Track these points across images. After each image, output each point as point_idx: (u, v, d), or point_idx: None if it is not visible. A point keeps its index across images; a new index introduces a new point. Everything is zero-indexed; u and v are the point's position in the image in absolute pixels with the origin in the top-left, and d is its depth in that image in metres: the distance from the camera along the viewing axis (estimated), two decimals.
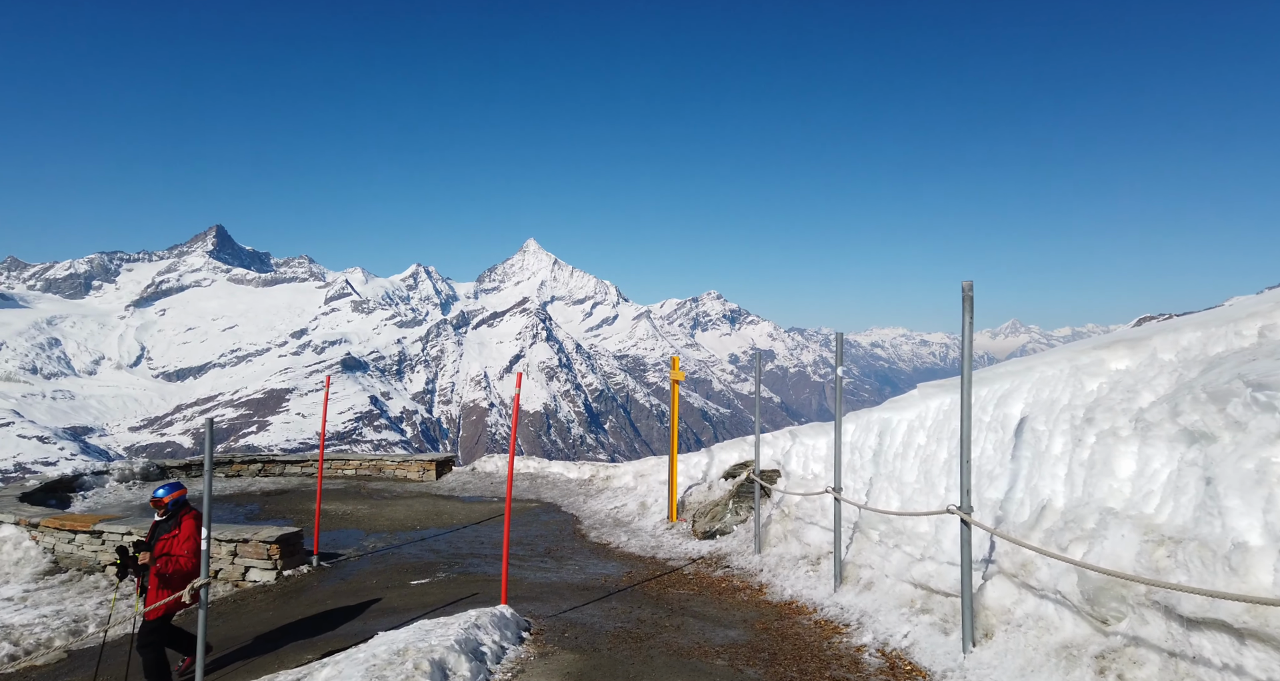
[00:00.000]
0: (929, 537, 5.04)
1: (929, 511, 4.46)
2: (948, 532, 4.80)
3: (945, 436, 5.49)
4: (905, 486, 5.68)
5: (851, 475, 6.63)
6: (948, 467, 5.29)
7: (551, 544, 9.83)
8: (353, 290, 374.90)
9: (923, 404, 6.08)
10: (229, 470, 13.65)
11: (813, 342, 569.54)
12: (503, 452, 14.67)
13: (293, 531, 8.57)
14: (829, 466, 7.59)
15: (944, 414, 5.70)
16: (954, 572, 4.52)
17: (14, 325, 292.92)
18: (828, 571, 6.35)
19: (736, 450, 10.63)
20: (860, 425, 6.86)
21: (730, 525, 9.18)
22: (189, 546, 5.81)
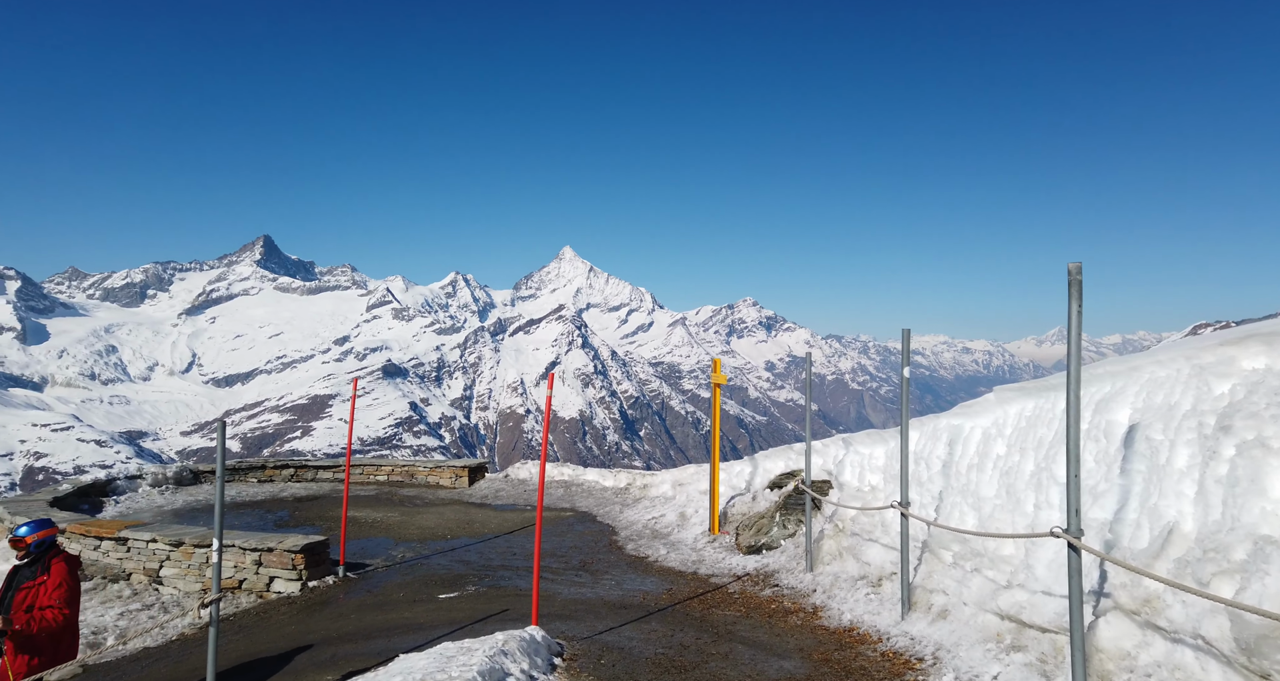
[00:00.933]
0: (1016, 562, 4.39)
1: (1026, 534, 3.81)
2: (1040, 557, 4.14)
3: (1030, 446, 4.82)
4: (983, 502, 5.02)
5: (917, 488, 5.97)
6: (1036, 482, 4.63)
7: (586, 556, 9.33)
8: (393, 298, 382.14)
9: (999, 409, 5.42)
10: (261, 475, 13.50)
11: (851, 350, 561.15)
12: (539, 459, 14.33)
13: (318, 540, 8.22)
14: (888, 477, 6.94)
15: (1027, 421, 5.03)
16: (1051, 605, 3.87)
17: (74, 333, 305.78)
18: (892, 595, 5.71)
19: (782, 458, 10.00)
20: (926, 433, 6.21)
21: (777, 539, 8.55)
22: (59, 595, 4.61)
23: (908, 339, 5.15)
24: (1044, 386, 5.01)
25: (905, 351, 5.13)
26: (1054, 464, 4.42)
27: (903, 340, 5.14)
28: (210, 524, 10.57)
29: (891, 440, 7.07)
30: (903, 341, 5.14)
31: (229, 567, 8.11)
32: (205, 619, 6.42)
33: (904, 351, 5.13)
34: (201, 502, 11.77)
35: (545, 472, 14.04)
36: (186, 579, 8.22)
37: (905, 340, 5.14)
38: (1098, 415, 4.31)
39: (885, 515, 6.40)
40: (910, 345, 5.15)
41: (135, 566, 8.45)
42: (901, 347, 5.11)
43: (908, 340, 5.15)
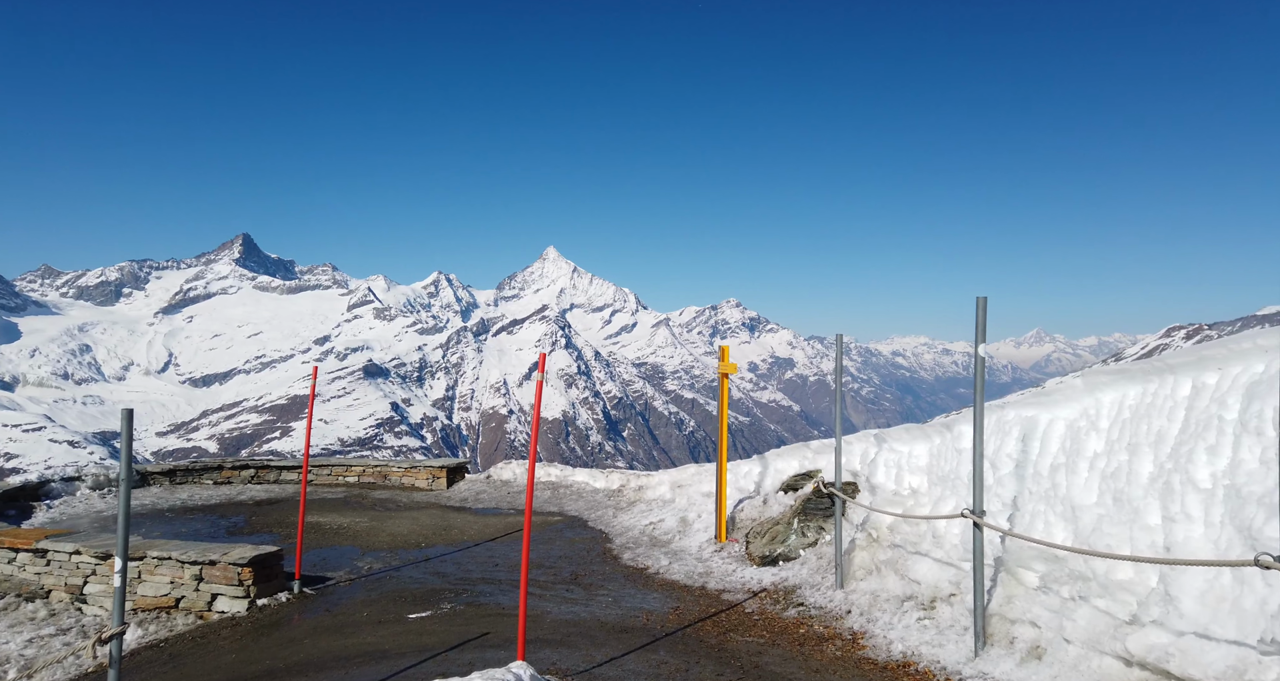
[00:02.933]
0: (1143, 591, 3.44)
1: (1217, 561, 2.75)
2: (1188, 586, 3.19)
3: (1145, 442, 3.87)
4: (1079, 511, 4.07)
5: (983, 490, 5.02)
6: (1162, 488, 3.68)
7: (578, 567, 8.30)
8: (375, 297, 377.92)
9: (1087, 398, 4.47)
10: (218, 476, 12.29)
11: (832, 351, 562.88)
12: (522, 459, 13.25)
13: (270, 551, 7.12)
14: (934, 479, 5.98)
15: (1132, 411, 4.09)
16: (1217, 654, 2.92)
17: (47, 331, 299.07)
18: (953, 622, 4.74)
19: (795, 458, 9.03)
20: (990, 427, 5.26)
21: (795, 549, 7.57)
22: None
23: (983, 311, 4.18)
24: (1151, 368, 4.07)
25: (981, 327, 4.16)
26: (1190, 464, 3.47)
27: (978, 313, 4.17)
28: (153, 530, 9.41)
29: (936, 436, 6.11)
30: (978, 314, 4.17)
31: (164, 584, 6.99)
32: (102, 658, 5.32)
33: (978, 325, 4.17)
34: (148, 507, 10.58)
35: None
36: None
37: (981, 313, 4.17)
38: (1252, 403, 3.36)
39: (936, 525, 5.44)
40: (894, 347, 4.20)
41: (55, 582, 7.29)
42: (978, 321, 4.14)
43: (983, 312, 4.18)
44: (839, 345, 6.05)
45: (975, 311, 4.24)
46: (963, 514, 4.28)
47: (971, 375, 4.37)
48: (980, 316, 4.21)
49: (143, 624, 6.68)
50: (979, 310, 4.22)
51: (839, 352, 6.06)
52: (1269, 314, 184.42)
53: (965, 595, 4.72)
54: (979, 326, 4.20)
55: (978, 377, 4.18)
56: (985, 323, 4.22)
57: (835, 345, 6.06)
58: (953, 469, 5.62)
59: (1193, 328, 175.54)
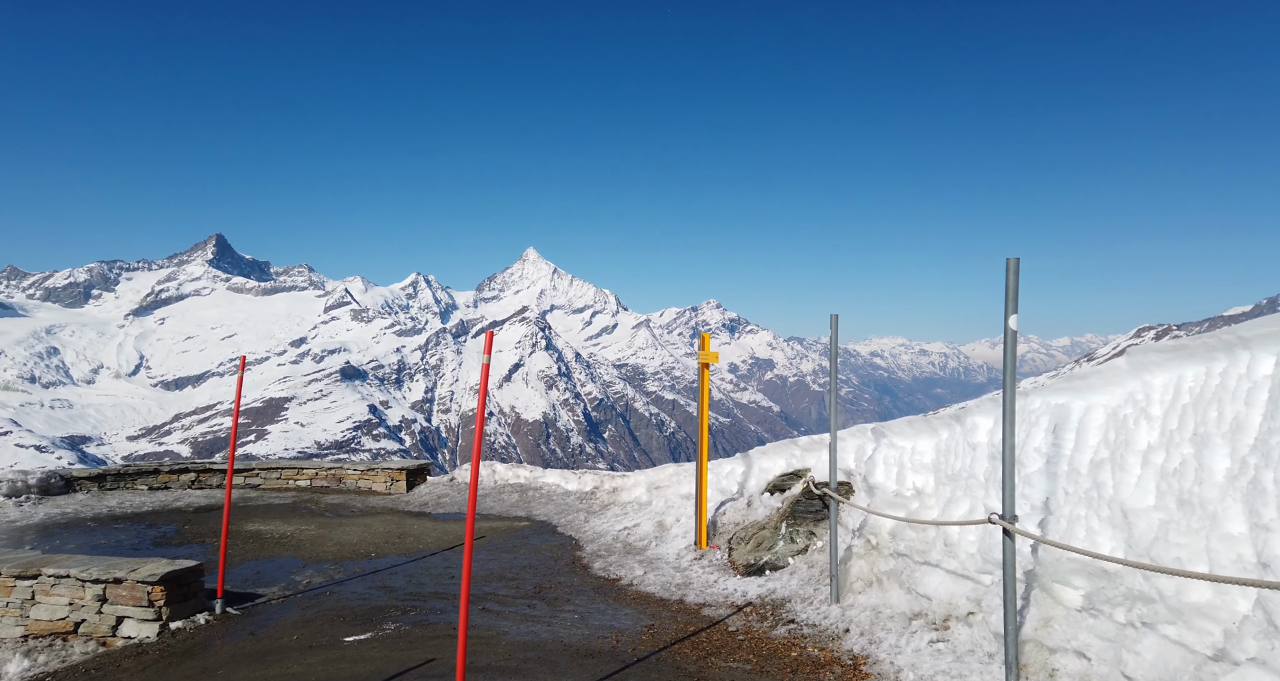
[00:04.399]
0: (1231, 619, 2.73)
1: None
2: None
3: (1216, 432, 3.15)
4: (1132, 516, 3.35)
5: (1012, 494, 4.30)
6: (1241, 487, 2.96)
7: (543, 578, 7.49)
8: (352, 299, 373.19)
9: (1133, 380, 3.76)
10: (154, 481, 11.28)
11: (812, 352, 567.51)
12: (502, 461, 12.47)
13: (187, 567, 6.23)
14: (942, 478, 5.25)
15: (1195, 395, 3.38)
16: None
17: (13, 334, 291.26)
18: (974, 646, 4.01)
19: (782, 456, 8.29)
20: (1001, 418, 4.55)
21: (783, 557, 6.82)
22: None
23: (1014, 274, 3.47)
24: (1216, 343, 3.36)
25: (1011, 291, 3.44)
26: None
27: (1008, 274, 3.45)
28: (67, 543, 8.43)
29: (943, 429, 5.39)
30: (1008, 277, 3.45)
31: (62, 606, 6.07)
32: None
33: (1008, 291, 3.45)
34: (69, 516, 9.58)
35: (499, 476, 12.13)
36: (3, 621, 6.14)
37: (1012, 274, 3.45)
38: None
39: (948, 531, 4.70)
40: (872, 348, 3.46)
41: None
42: (1007, 284, 3.42)
43: (1015, 274, 3.46)
44: (834, 327, 5.31)
45: (1005, 275, 3.52)
46: (990, 520, 3.54)
47: (948, 375, 3.62)
48: (1012, 282, 3.49)
49: (31, 653, 5.75)
50: (1010, 274, 3.50)
51: (834, 336, 5.32)
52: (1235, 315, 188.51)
53: (989, 615, 3.99)
54: (1009, 293, 3.48)
55: (1008, 355, 3.45)
56: (1017, 288, 3.50)
57: (830, 327, 5.31)
58: (965, 466, 4.90)
59: (1162, 328, 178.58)
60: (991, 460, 4.61)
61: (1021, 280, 3.37)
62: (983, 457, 4.74)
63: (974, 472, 4.76)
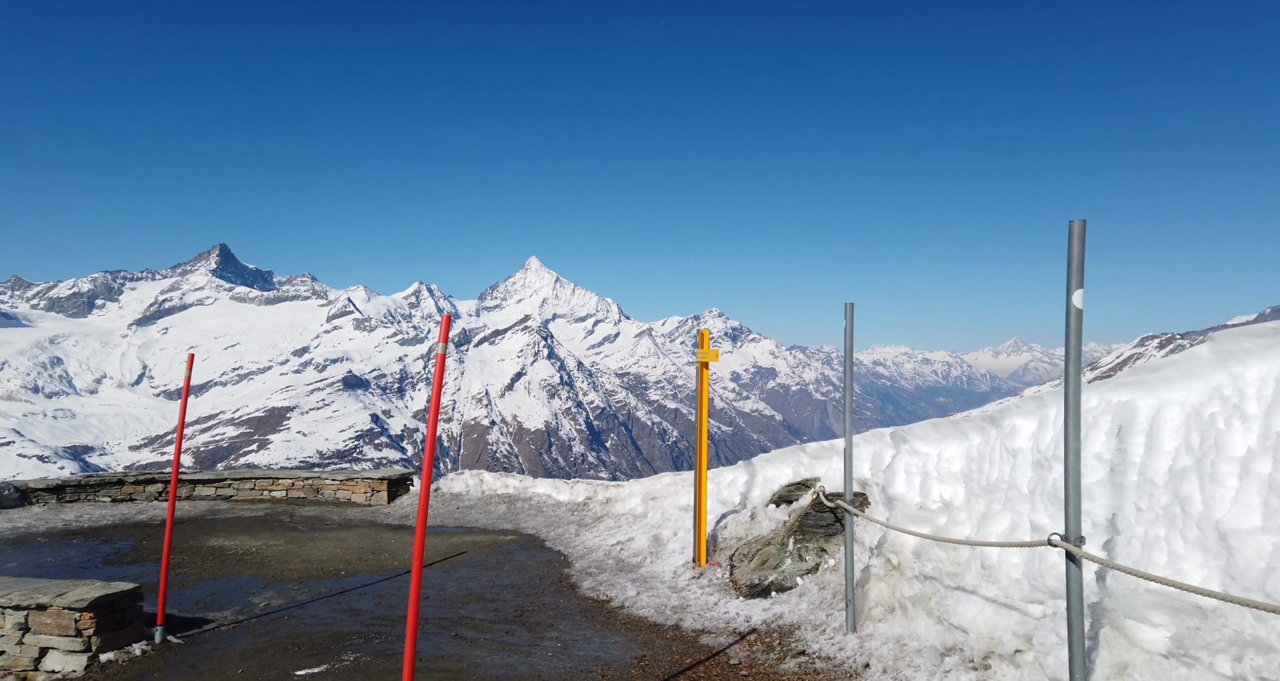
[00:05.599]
0: None
1: None
2: None
3: None
4: (1232, 539, 2.68)
5: (1055, 505, 3.62)
6: None
7: (526, 599, 6.79)
8: (355, 308, 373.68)
9: (1218, 373, 3.09)
10: (117, 492, 10.61)
11: (814, 360, 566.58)
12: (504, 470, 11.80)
13: (122, 591, 5.55)
14: (974, 490, 4.56)
15: None
16: None
17: (16, 344, 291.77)
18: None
19: (789, 464, 7.60)
20: (1055, 411, 3.87)
21: (791, 576, 6.12)
22: None
23: (1079, 238, 2.81)
24: None
25: (1075, 259, 2.79)
26: None
27: (1071, 239, 2.81)
28: (9, 561, 7.76)
29: (974, 434, 4.71)
30: (1072, 243, 2.80)
31: None
32: None
33: (1071, 260, 2.79)
34: (19, 531, 8.90)
35: (486, 485, 11.44)
36: None
37: (1077, 239, 2.80)
38: None
39: (986, 552, 4.01)
40: (875, 357, 2.80)
41: None
42: (1070, 252, 2.77)
43: (1079, 238, 2.81)
44: (849, 317, 4.64)
45: (1069, 243, 2.87)
46: (1050, 541, 2.85)
47: (951, 383, 2.95)
48: (1076, 249, 2.83)
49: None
50: (1074, 239, 2.85)
51: (849, 326, 4.65)
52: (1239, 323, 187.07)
53: (1043, 655, 3.30)
54: (1073, 264, 2.83)
55: (1071, 339, 2.79)
56: (1082, 259, 2.84)
57: (845, 316, 4.65)
58: (1004, 476, 4.21)
59: (1165, 337, 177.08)
60: (1037, 469, 3.92)
61: (1021, 288, 2.69)
62: (1025, 466, 4.05)
63: (1015, 483, 4.07)
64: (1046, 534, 3.69)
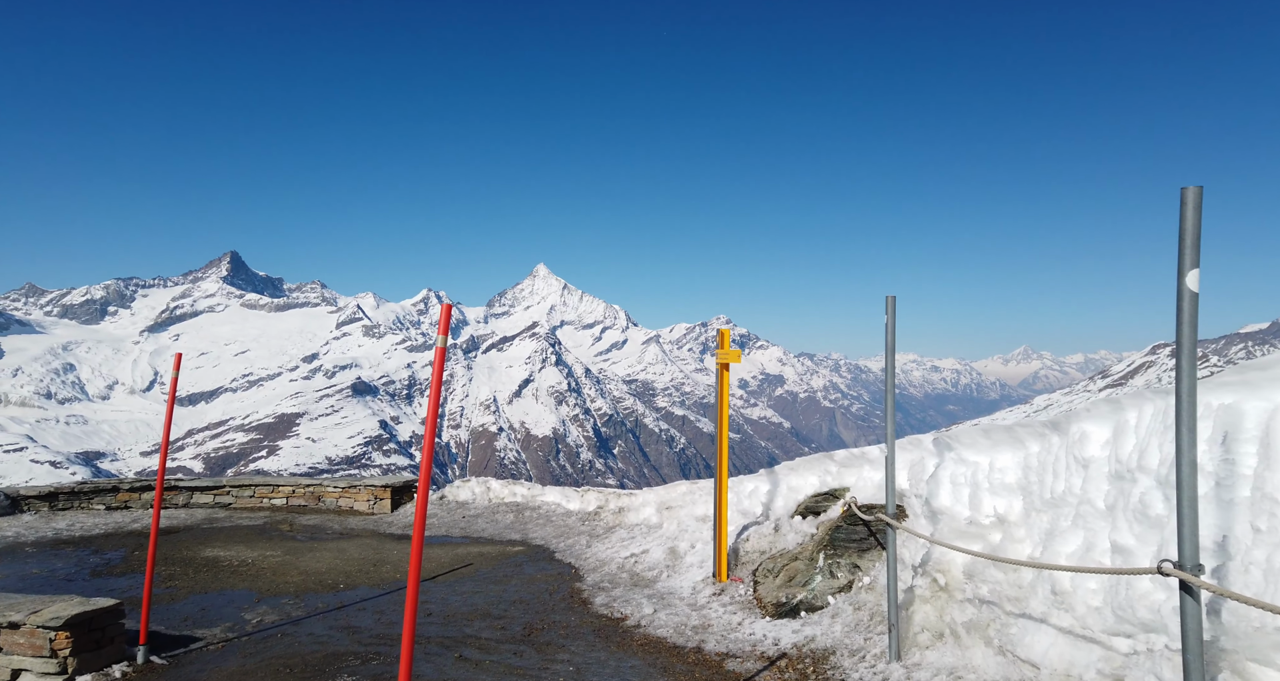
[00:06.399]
0: None
1: None
2: None
3: None
4: None
5: (1142, 524, 3.16)
6: None
7: (535, 617, 6.36)
8: (364, 315, 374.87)
9: None
10: (112, 500, 10.24)
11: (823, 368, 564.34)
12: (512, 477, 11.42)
13: (102, 607, 5.15)
14: (1032, 504, 4.10)
15: None
16: None
17: (30, 350, 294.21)
18: None
19: (814, 472, 7.14)
20: (1145, 424, 3.41)
21: (822, 595, 5.66)
22: None
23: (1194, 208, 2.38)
24: None
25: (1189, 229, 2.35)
26: None
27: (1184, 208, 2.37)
28: (12, 569, 7.39)
29: (1032, 441, 4.25)
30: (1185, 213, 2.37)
31: None
32: None
33: (1185, 230, 2.36)
34: (8, 541, 8.53)
35: (494, 493, 11.02)
36: None
37: (1191, 209, 2.36)
38: None
39: (1056, 576, 3.55)
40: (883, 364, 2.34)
41: None
42: (1184, 223, 2.34)
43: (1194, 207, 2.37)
44: (890, 311, 4.21)
45: (1181, 212, 2.44)
46: (1160, 569, 2.41)
47: (960, 391, 2.50)
48: (1190, 220, 2.40)
49: None
50: (1188, 208, 2.41)
51: (890, 322, 4.21)
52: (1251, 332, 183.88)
53: None
54: (1187, 237, 2.40)
55: (1183, 327, 2.35)
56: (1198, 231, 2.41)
57: (887, 311, 4.21)
58: (1071, 489, 3.76)
59: None
60: (1116, 482, 3.46)
61: (1033, 295, 2.24)
62: (1099, 478, 3.59)
63: (1087, 498, 3.62)
64: (1132, 556, 3.24)
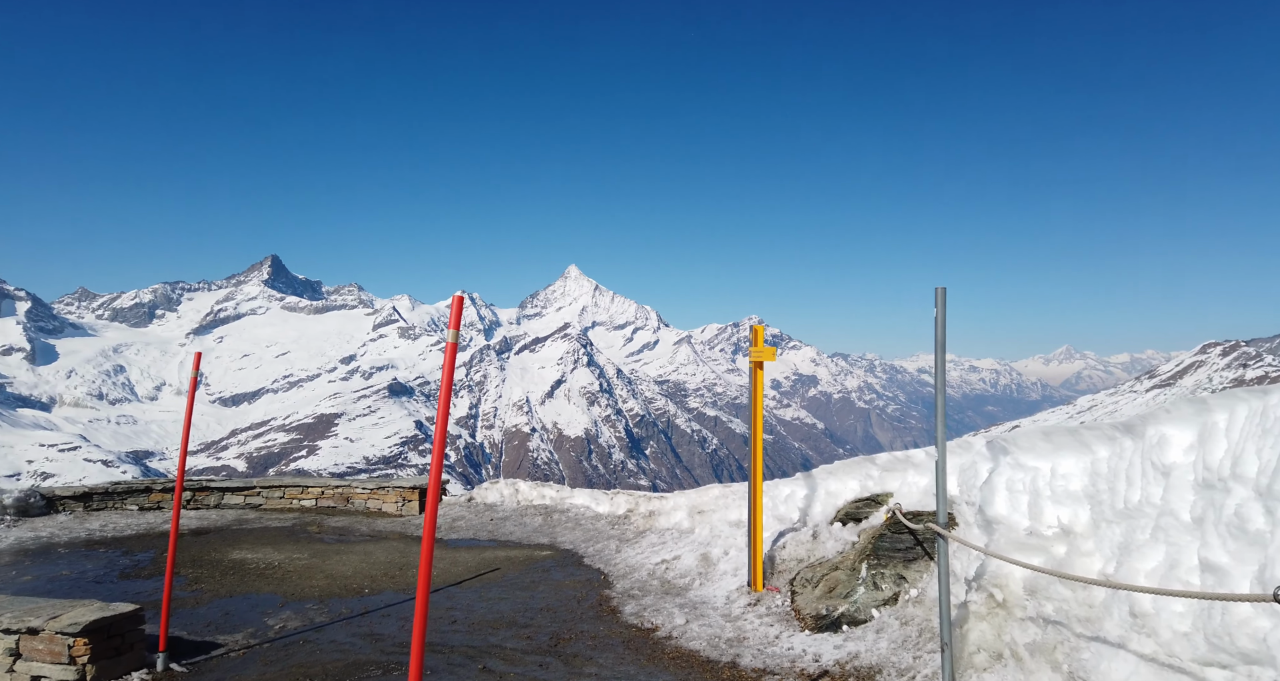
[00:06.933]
0: None
1: None
2: None
3: None
4: None
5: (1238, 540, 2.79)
6: None
7: (562, 626, 6.12)
8: (400, 317, 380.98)
9: None
10: (145, 500, 10.31)
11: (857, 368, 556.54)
12: (546, 478, 11.28)
13: (121, 613, 5.05)
14: (1102, 515, 3.72)
15: None
16: None
17: (83, 353, 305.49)
18: None
19: (854, 476, 6.78)
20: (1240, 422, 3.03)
21: (866, 608, 5.31)
22: None
23: None
24: None
25: None
26: None
27: None
28: (24, 572, 7.40)
29: (1100, 445, 3.86)
30: None
31: None
32: None
33: None
34: (42, 541, 8.61)
35: (522, 495, 10.83)
36: None
37: None
38: None
39: (1136, 598, 3.18)
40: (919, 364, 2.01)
41: None
42: None
43: None
44: (940, 304, 3.86)
45: None
46: (1276, 596, 2.04)
47: (999, 392, 2.16)
48: None
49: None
50: None
51: (940, 315, 3.86)
52: None
53: None
54: None
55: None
56: None
57: (936, 303, 3.87)
58: (1149, 498, 3.38)
59: (1229, 344, 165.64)
60: (1204, 491, 3.08)
61: (1075, 294, 1.87)
62: (1183, 487, 3.21)
63: (1170, 509, 3.23)
64: (1226, 576, 2.85)
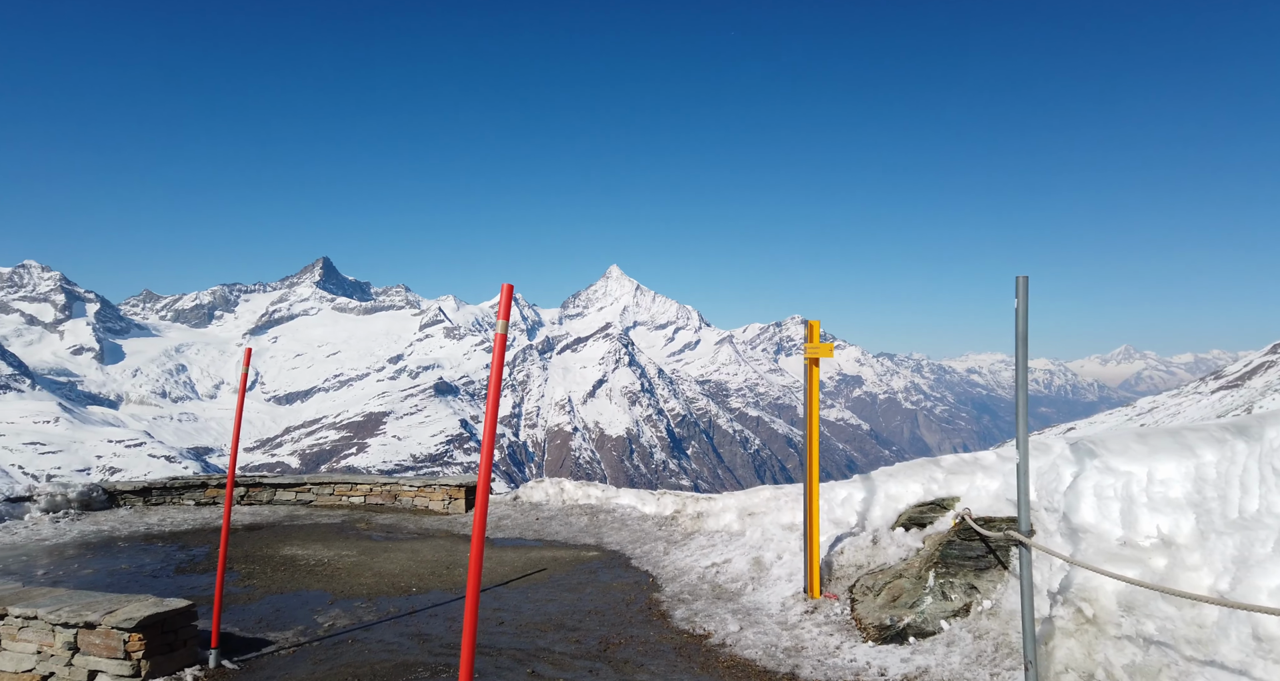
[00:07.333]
0: None
1: None
2: None
3: None
4: None
5: None
6: None
7: (611, 629, 5.94)
8: (445, 317, 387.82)
9: None
10: (201, 496, 10.53)
11: (903, 368, 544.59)
12: (588, 477, 11.20)
13: (175, 609, 5.06)
14: (1213, 525, 3.36)
15: None
16: None
17: (147, 352, 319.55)
18: None
19: (917, 479, 6.43)
20: None
21: (933, 618, 4.99)
22: None
23: None
24: None
25: None
26: None
27: None
28: (85, 567, 7.56)
29: (1205, 449, 3.50)
30: None
31: (28, 655, 5.02)
32: None
33: None
34: (103, 535, 8.83)
35: (567, 495, 10.72)
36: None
37: None
38: None
39: (1256, 617, 2.84)
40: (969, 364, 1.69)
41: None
42: None
43: None
44: (1021, 295, 3.55)
45: None
46: None
47: (1054, 393, 1.85)
48: None
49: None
50: None
51: (1021, 307, 3.55)
52: None
53: None
54: None
55: None
56: None
57: (1017, 294, 3.56)
58: (1270, 508, 3.04)
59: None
60: None
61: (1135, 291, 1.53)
62: None
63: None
64: None
